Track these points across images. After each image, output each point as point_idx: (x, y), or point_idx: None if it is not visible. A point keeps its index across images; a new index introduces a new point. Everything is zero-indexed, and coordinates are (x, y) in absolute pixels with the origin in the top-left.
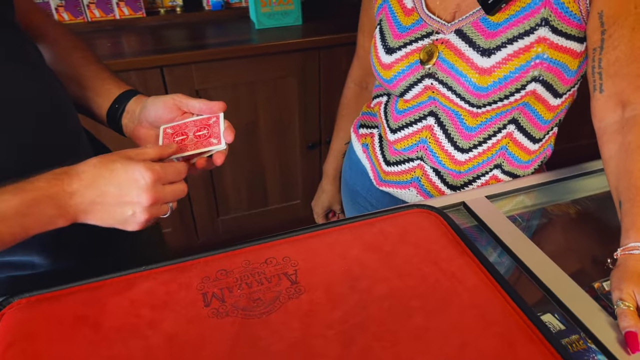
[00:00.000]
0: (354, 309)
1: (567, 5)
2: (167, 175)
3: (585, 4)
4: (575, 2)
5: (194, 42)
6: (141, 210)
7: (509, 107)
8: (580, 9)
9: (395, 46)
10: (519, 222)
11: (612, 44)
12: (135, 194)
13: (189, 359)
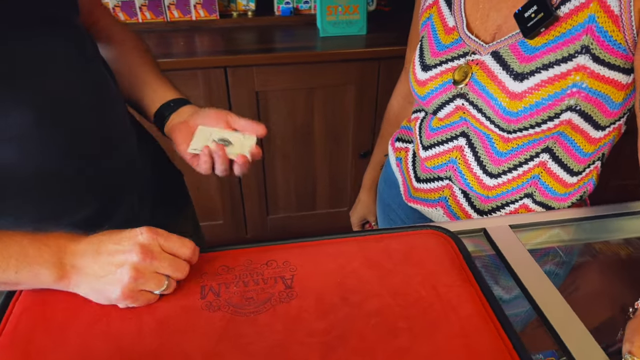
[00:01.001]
0: (340, 321)
1: (610, 34)
2: (168, 240)
3: (632, 34)
4: (620, 32)
5: (259, 45)
6: (129, 266)
7: (542, 136)
8: (626, 38)
9: (432, 64)
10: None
11: None
12: (128, 244)
13: (173, 344)
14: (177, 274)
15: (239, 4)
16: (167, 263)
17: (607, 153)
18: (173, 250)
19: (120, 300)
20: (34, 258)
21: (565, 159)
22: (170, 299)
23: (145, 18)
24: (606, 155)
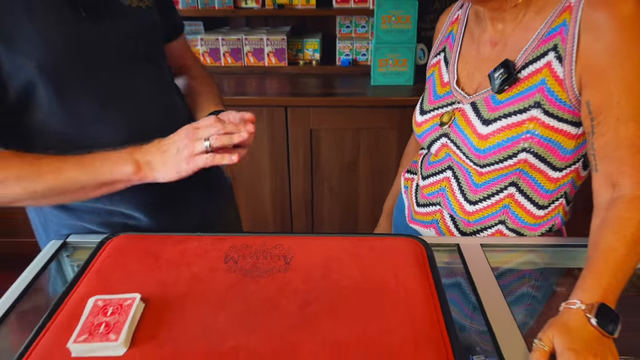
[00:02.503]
0: (318, 289)
1: (557, 94)
2: (200, 123)
3: (575, 94)
4: (565, 92)
5: (318, 89)
6: (184, 145)
7: (507, 171)
8: (570, 97)
9: (428, 109)
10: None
11: (601, 131)
12: (179, 136)
13: (198, 290)
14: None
15: (306, 54)
16: (204, 132)
17: (570, 192)
18: (204, 125)
19: (184, 166)
20: (116, 160)
21: (530, 193)
22: (202, 261)
23: (227, 62)
24: (570, 194)
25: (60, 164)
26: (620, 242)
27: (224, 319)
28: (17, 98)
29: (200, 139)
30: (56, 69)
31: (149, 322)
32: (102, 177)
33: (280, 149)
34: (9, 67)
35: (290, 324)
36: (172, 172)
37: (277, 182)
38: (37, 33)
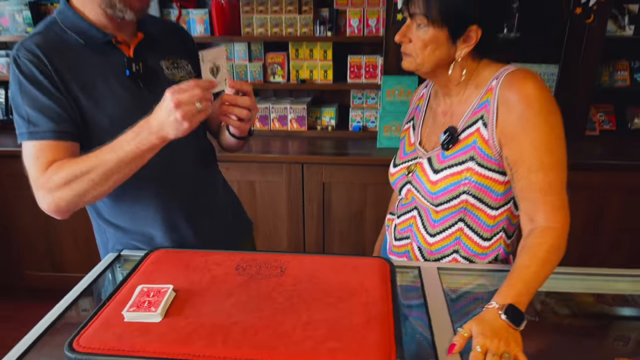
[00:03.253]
0: (302, 288)
1: (485, 150)
2: (180, 88)
3: (497, 150)
4: (490, 149)
5: (331, 150)
6: (174, 110)
7: (454, 209)
8: (494, 153)
9: (398, 163)
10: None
11: (518, 178)
12: (165, 103)
13: (214, 286)
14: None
15: (323, 120)
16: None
17: (507, 228)
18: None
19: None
20: (139, 131)
21: (475, 227)
22: (219, 268)
23: (256, 127)
24: (508, 229)
25: (98, 153)
26: (532, 261)
27: (230, 304)
28: (87, 141)
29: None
30: (120, 121)
31: (177, 304)
32: (132, 147)
33: (296, 199)
34: (88, 115)
35: (278, 309)
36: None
37: (293, 228)
38: (110, 94)
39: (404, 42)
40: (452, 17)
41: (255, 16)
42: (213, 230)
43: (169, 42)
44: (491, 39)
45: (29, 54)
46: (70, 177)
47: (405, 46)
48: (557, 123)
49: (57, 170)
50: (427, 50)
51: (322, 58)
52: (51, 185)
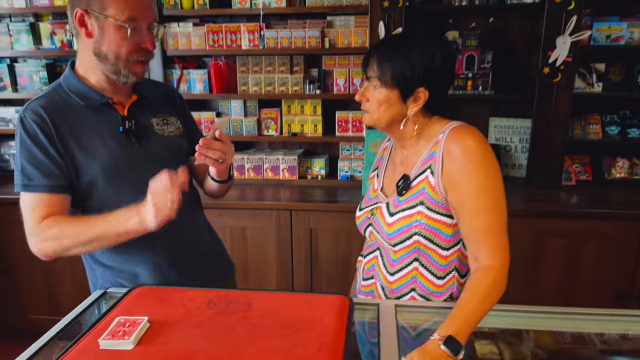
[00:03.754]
0: (264, 321)
1: (432, 196)
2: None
3: (443, 196)
4: (437, 195)
5: (319, 197)
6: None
7: (409, 249)
8: (440, 198)
9: (363, 207)
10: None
11: (462, 221)
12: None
13: (186, 319)
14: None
15: (313, 170)
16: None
17: (460, 267)
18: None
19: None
20: (127, 219)
21: (429, 267)
22: (192, 303)
23: (250, 176)
24: (460, 269)
25: (93, 222)
26: (473, 297)
27: (198, 335)
28: (85, 189)
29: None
30: (112, 171)
31: (151, 334)
32: (118, 230)
33: (285, 244)
34: (83, 168)
35: (240, 339)
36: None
37: (282, 272)
38: (103, 148)
39: (363, 100)
40: (402, 80)
41: (251, 76)
42: (195, 271)
43: (160, 101)
44: (438, 99)
45: (34, 114)
46: (60, 235)
47: (364, 104)
48: (494, 171)
49: (52, 226)
50: (381, 109)
51: (312, 113)
52: (43, 237)
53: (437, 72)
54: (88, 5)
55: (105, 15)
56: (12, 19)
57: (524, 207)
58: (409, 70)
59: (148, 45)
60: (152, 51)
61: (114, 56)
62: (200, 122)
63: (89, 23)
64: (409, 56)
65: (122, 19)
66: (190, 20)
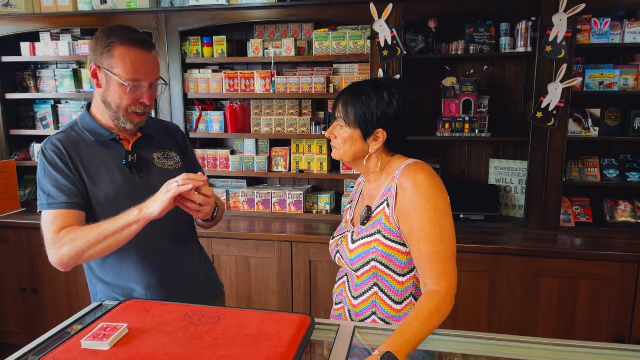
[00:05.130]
0: (228, 333)
1: (388, 225)
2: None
3: (396, 225)
4: (391, 225)
5: (320, 231)
6: (164, 191)
7: (369, 275)
8: (394, 227)
9: (335, 236)
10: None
11: (412, 248)
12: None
13: (161, 328)
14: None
15: (319, 205)
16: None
17: (416, 293)
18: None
19: (165, 199)
20: (129, 212)
21: (388, 292)
22: (171, 315)
23: (259, 209)
24: (417, 295)
25: (101, 223)
26: (415, 319)
27: (168, 341)
28: (92, 213)
29: (172, 183)
30: (115, 198)
31: (127, 338)
32: (122, 224)
33: (286, 274)
34: (92, 194)
35: (203, 346)
36: (158, 206)
37: (283, 300)
38: (108, 178)
39: (332, 137)
40: (362, 122)
41: (263, 117)
42: (184, 291)
43: (162, 138)
44: (397, 139)
45: (53, 147)
46: (74, 238)
47: (333, 141)
48: (442, 205)
49: (67, 233)
50: (346, 146)
51: (318, 152)
52: (60, 244)
53: (394, 117)
54: (101, 63)
55: (112, 72)
56: (58, 66)
57: (520, 246)
58: (369, 113)
59: (145, 101)
60: (151, 105)
61: (116, 106)
62: (216, 158)
63: (100, 76)
64: (368, 102)
65: (125, 79)
66: (210, 67)
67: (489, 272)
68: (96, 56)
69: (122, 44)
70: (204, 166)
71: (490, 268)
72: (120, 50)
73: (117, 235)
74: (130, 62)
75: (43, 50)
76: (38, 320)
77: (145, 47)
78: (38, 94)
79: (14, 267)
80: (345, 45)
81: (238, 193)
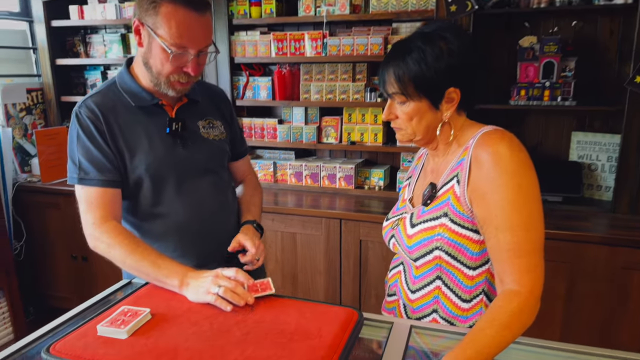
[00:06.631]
0: (261, 326)
1: (457, 207)
2: (224, 273)
3: (468, 207)
4: (461, 206)
5: (372, 208)
6: (207, 284)
7: (430, 266)
8: (465, 210)
9: (389, 217)
10: None
11: (487, 237)
12: (208, 276)
13: (187, 315)
14: (230, 289)
15: (372, 181)
16: (225, 282)
17: (489, 290)
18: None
19: (201, 296)
20: (172, 272)
21: (453, 287)
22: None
23: (307, 183)
24: (490, 292)
25: (143, 255)
26: (490, 324)
27: (192, 332)
28: (132, 186)
29: (216, 285)
30: (157, 171)
31: (148, 326)
32: (159, 277)
33: (334, 254)
34: (130, 166)
35: (231, 341)
36: (193, 296)
37: (330, 282)
38: (150, 149)
39: (392, 119)
40: (427, 87)
41: (313, 83)
42: None
43: (208, 105)
44: (471, 96)
45: (88, 111)
46: (111, 248)
47: (394, 122)
48: (527, 184)
49: (109, 236)
50: (413, 122)
51: (372, 122)
52: (99, 241)
53: (461, 67)
54: (144, 18)
55: (155, 33)
56: (107, 30)
57: (606, 233)
58: (431, 73)
59: (190, 71)
60: (196, 75)
61: (157, 72)
62: (263, 128)
63: (142, 34)
64: (425, 59)
65: (169, 43)
66: (257, 29)
67: (567, 263)
68: (141, 11)
69: (170, 2)
70: (251, 136)
71: (569, 258)
72: (167, 8)
73: (149, 278)
74: (176, 24)
75: (91, 13)
76: (88, 288)
77: (196, 8)
78: (88, 59)
79: (65, 234)
80: (407, 1)
81: (285, 165)
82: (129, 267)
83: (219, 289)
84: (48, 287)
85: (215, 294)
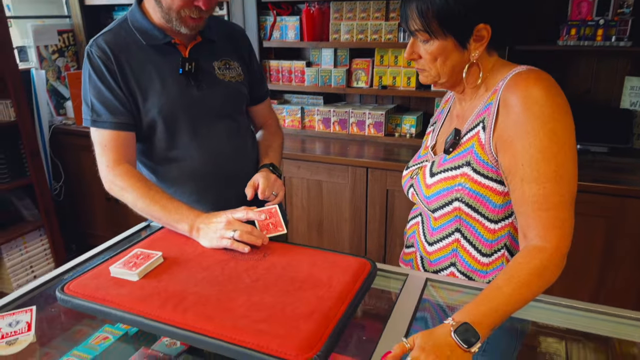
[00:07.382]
0: (271, 274)
1: (481, 156)
2: (237, 215)
3: (493, 156)
4: (486, 155)
5: (400, 157)
6: (220, 228)
7: (449, 218)
8: (490, 159)
9: (410, 166)
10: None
11: (512, 188)
12: (221, 220)
13: (199, 260)
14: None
15: (403, 128)
16: (238, 227)
17: (511, 245)
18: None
19: (214, 242)
20: (183, 217)
21: (473, 240)
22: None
23: (335, 130)
24: (512, 247)
25: (154, 200)
26: (508, 282)
27: (202, 277)
28: (146, 129)
29: (230, 229)
30: (169, 114)
31: (160, 269)
32: (169, 222)
33: (360, 202)
34: (142, 109)
35: (239, 287)
36: (207, 242)
37: (356, 231)
38: (162, 90)
39: (414, 58)
40: (453, 25)
41: (343, 23)
42: None
43: (224, 44)
44: (504, 33)
45: (99, 50)
46: (125, 191)
47: (417, 62)
48: (562, 130)
49: (123, 179)
50: (438, 62)
51: (405, 65)
52: (113, 184)
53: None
54: None
55: None
56: None
57: None
58: (459, 8)
59: (201, 4)
60: (208, 10)
61: (167, 6)
62: (291, 71)
63: None
64: None
65: None
66: None
67: (606, 218)
68: None
69: None
70: (278, 80)
71: (609, 212)
72: None
73: (161, 222)
74: None
75: None
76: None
77: None
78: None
79: None
80: None
81: (313, 111)
82: (140, 210)
83: (234, 232)
84: (88, 225)
85: (231, 238)
